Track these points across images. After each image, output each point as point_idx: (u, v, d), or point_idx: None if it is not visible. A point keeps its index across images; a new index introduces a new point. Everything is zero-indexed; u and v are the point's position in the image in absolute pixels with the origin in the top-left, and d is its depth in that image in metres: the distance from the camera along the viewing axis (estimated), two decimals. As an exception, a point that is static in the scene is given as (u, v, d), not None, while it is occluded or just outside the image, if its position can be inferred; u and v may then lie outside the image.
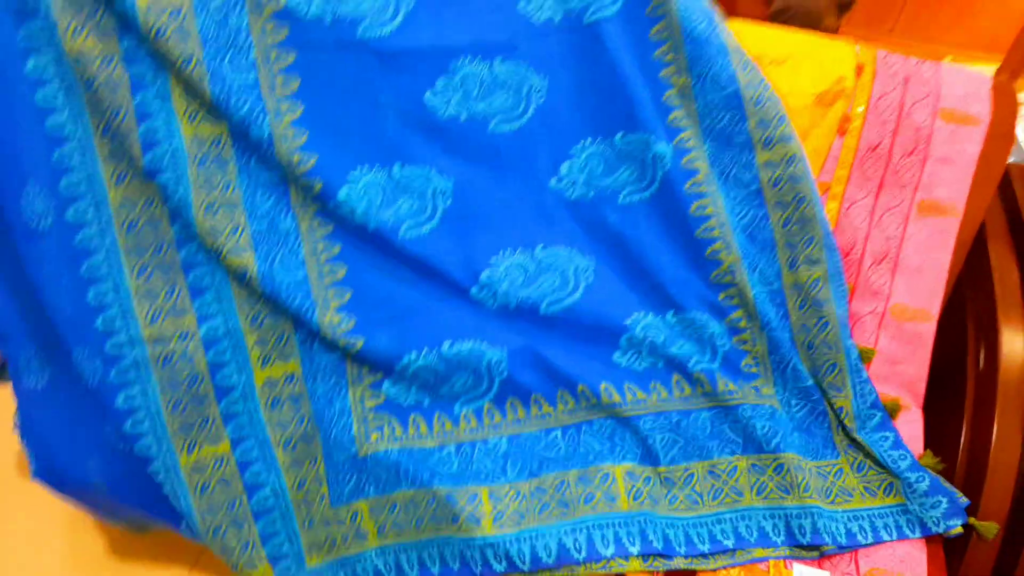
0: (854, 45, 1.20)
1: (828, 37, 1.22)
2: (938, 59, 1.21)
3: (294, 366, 1.01)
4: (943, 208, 1.13)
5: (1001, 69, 1.82)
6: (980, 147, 1.13)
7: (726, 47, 1.06)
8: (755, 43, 1.19)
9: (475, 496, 0.97)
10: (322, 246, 1.02)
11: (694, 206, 1.07)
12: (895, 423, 1.08)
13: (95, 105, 0.93)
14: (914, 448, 1.07)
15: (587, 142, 1.08)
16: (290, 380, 1.02)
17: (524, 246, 1.07)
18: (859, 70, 1.17)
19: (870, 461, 1.06)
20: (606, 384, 1.05)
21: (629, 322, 1.07)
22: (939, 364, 1.11)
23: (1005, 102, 1.15)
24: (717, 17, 1.09)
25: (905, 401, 1.11)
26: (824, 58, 1.18)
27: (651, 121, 1.06)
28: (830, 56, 1.18)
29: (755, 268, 1.09)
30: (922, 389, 1.11)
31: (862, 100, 1.16)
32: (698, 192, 1.07)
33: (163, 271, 0.97)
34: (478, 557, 0.94)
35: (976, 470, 1.01)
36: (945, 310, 1.12)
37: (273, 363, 1.01)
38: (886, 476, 1.04)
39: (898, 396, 1.10)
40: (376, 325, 1.01)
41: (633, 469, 1.02)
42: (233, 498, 0.99)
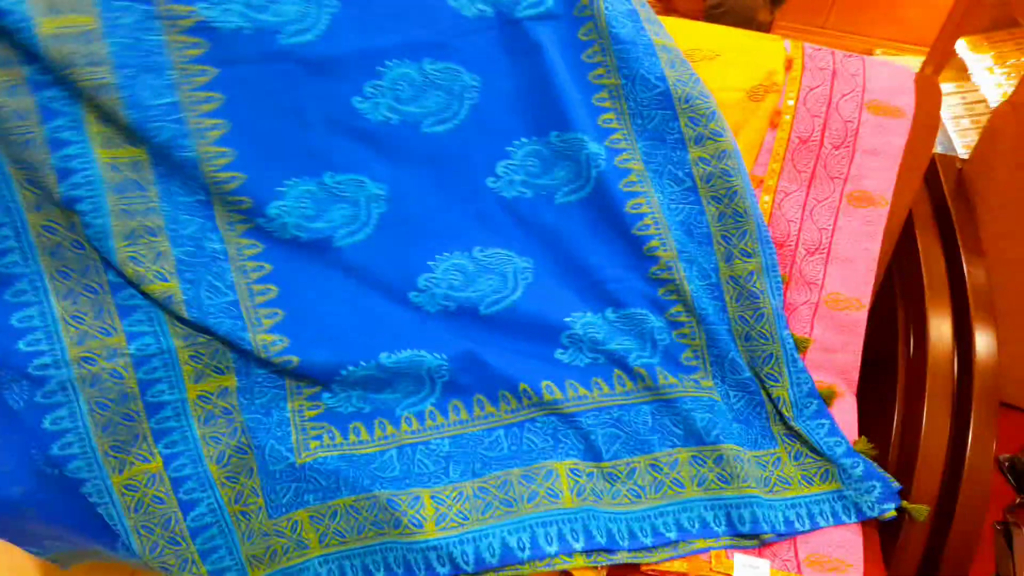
0: (783, 41, 1.22)
1: (759, 33, 1.24)
2: (868, 53, 1.24)
3: (229, 380, 0.99)
4: (872, 199, 1.16)
5: (926, 62, 1.88)
6: (906, 139, 1.16)
7: (653, 47, 1.07)
8: (688, 39, 1.20)
9: (417, 499, 0.96)
10: (251, 265, 0.99)
11: (629, 204, 1.07)
12: (830, 410, 1.10)
13: (5, 134, 0.87)
14: (849, 434, 1.09)
15: (523, 141, 1.07)
16: (224, 394, 0.99)
17: (462, 248, 1.06)
18: (788, 65, 1.19)
19: (807, 449, 1.08)
20: (547, 382, 1.05)
21: (569, 320, 1.07)
22: (871, 351, 1.14)
23: (929, 94, 1.18)
24: (645, 15, 1.09)
25: (840, 388, 1.13)
26: (755, 54, 1.19)
27: (583, 121, 1.06)
28: (760, 52, 1.20)
29: (692, 263, 1.10)
30: (856, 376, 1.14)
31: (792, 94, 1.18)
32: (633, 191, 1.08)
33: (91, 292, 0.93)
34: (421, 561, 0.93)
35: (907, 454, 1.04)
36: (876, 298, 1.15)
37: (207, 378, 0.98)
38: (822, 463, 1.07)
39: (834, 384, 1.12)
40: (311, 343, 0.99)
41: (576, 465, 1.03)
42: (169, 516, 0.96)
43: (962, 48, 1.80)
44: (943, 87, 1.22)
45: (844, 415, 1.11)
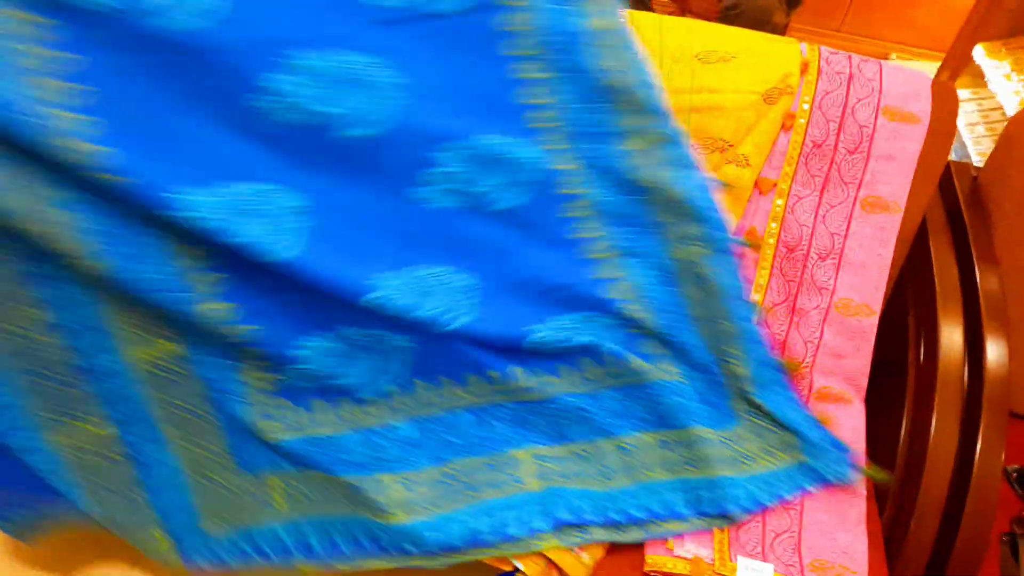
0: (799, 43, 1.21)
1: (775, 35, 1.23)
2: (883, 57, 1.24)
3: (179, 347, 0.94)
4: (885, 205, 1.15)
5: (942, 68, 1.86)
6: (921, 145, 1.15)
7: (588, 34, 0.99)
8: (703, 41, 1.20)
9: (384, 484, 0.96)
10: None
11: (567, 206, 1.04)
12: (828, 411, 1.11)
13: None
14: (858, 440, 1.09)
15: (451, 145, 0.97)
16: (178, 359, 0.95)
17: (402, 267, 0.96)
18: (804, 68, 1.18)
19: (767, 422, 1.08)
20: (515, 368, 1.04)
21: (527, 330, 1.04)
22: (881, 358, 1.13)
23: (945, 100, 1.17)
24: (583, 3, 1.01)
25: (846, 392, 1.13)
26: (770, 56, 1.19)
27: (513, 122, 1.00)
28: (776, 54, 1.19)
29: (639, 255, 1.08)
30: (864, 382, 1.13)
31: (807, 98, 1.17)
32: (571, 193, 1.05)
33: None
34: (389, 539, 0.93)
35: (915, 461, 1.03)
36: (887, 305, 1.15)
37: (157, 343, 0.93)
38: (783, 435, 1.07)
39: (842, 390, 1.12)
40: (262, 313, 0.92)
41: (543, 451, 1.03)
42: (125, 477, 0.96)
43: (979, 54, 1.78)
44: (959, 93, 1.21)
45: (852, 420, 1.10)
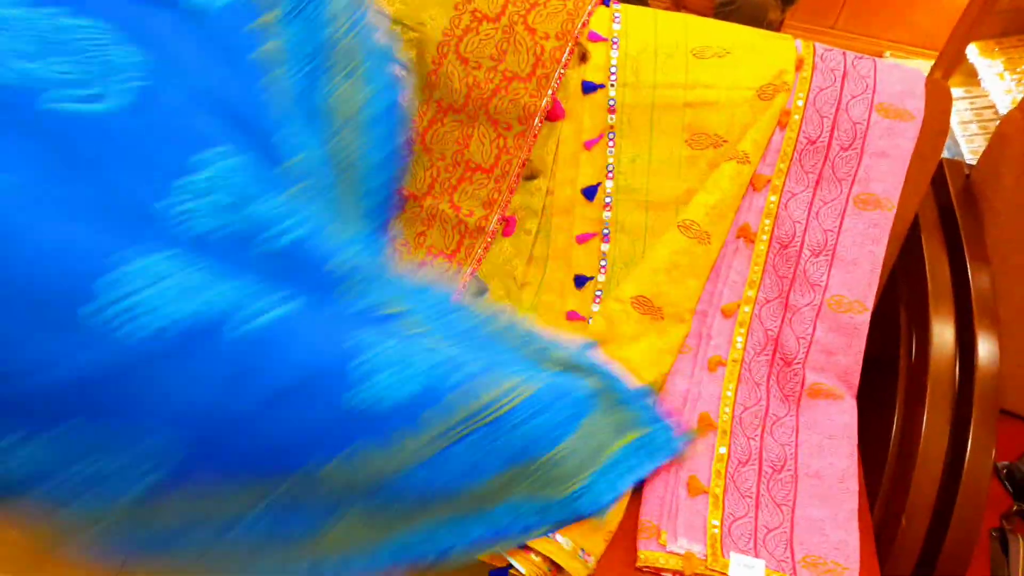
0: (794, 40, 1.21)
1: (771, 32, 1.23)
2: (877, 55, 1.24)
3: None
4: (878, 202, 1.15)
5: (935, 66, 1.87)
6: (914, 142, 1.15)
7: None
8: (698, 36, 1.20)
9: None
10: None
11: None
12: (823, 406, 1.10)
13: None
14: (849, 436, 1.09)
15: (220, 151, 0.78)
16: None
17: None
18: (799, 64, 1.18)
19: (608, 406, 1.01)
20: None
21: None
22: (873, 355, 1.14)
23: (939, 98, 1.18)
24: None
25: (837, 389, 1.13)
26: (765, 52, 1.19)
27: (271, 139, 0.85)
28: (771, 50, 1.19)
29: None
30: (856, 379, 1.13)
31: (802, 94, 1.17)
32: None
33: None
34: None
35: (906, 458, 1.04)
36: (879, 302, 1.15)
37: None
38: (625, 413, 1.04)
39: (834, 387, 1.12)
40: None
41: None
42: None
43: (973, 53, 1.79)
44: (952, 92, 1.22)
45: (844, 416, 1.10)
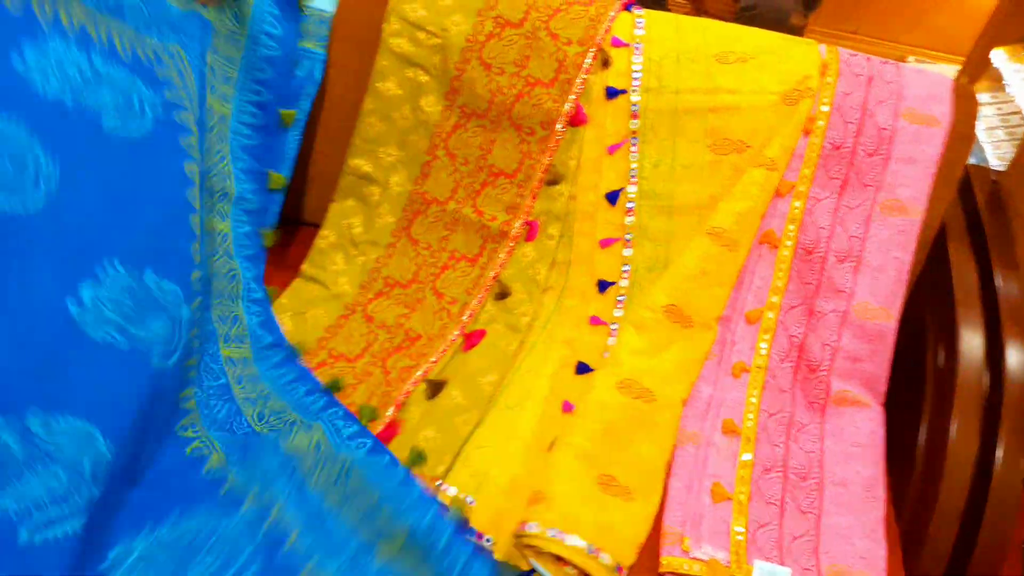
0: (818, 45, 1.20)
1: (794, 37, 1.23)
2: (900, 60, 1.22)
3: None
4: (904, 208, 1.14)
5: (962, 71, 1.85)
6: (941, 148, 1.14)
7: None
8: (721, 41, 1.19)
9: None
10: None
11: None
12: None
13: None
14: (877, 446, 1.08)
15: (115, 265, 0.81)
16: None
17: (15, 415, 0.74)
18: (823, 70, 1.17)
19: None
20: None
21: None
22: (899, 362, 1.12)
23: (965, 104, 1.17)
24: None
25: (864, 397, 1.12)
26: (789, 57, 1.18)
27: (181, 272, 0.89)
28: (795, 55, 1.18)
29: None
30: (883, 387, 1.12)
31: (826, 99, 1.17)
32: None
33: None
34: None
35: (934, 468, 1.02)
36: (906, 309, 1.14)
37: None
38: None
39: (860, 394, 1.11)
40: None
41: None
42: None
43: (998, 58, 1.77)
44: (978, 97, 1.20)
45: (870, 424, 1.09)
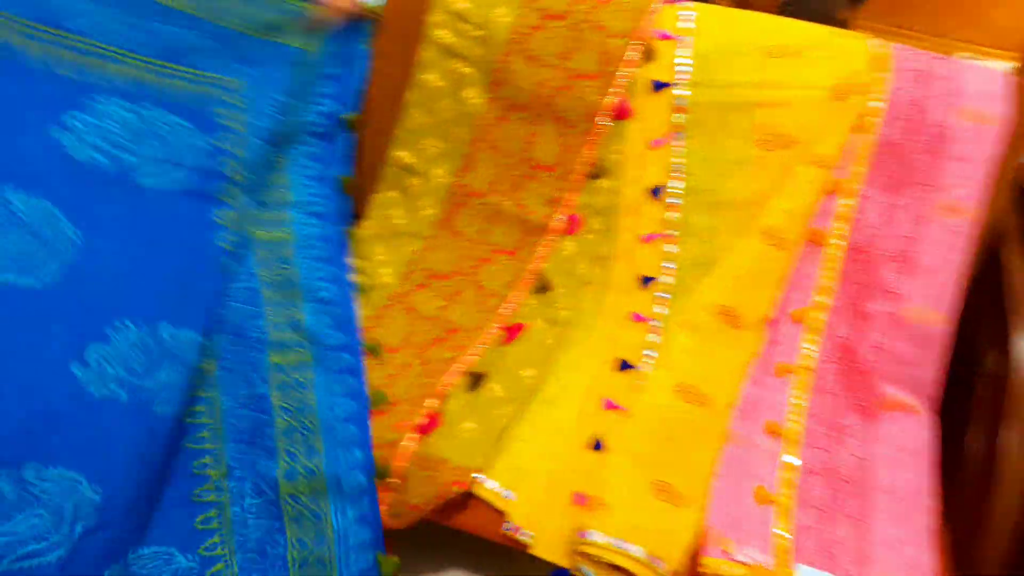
0: (868, 39, 1.17)
1: (844, 30, 1.19)
2: (949, 55, 1.19)
3: None
4: (958, 208, 1.11)
5: (1020, 67, 1.79)
6: (997, 147, 1.11)
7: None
8: (769, 35, 1.17)
9: None
10: None
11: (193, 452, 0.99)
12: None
13: None
14: (923, 452, 1.05)
15: (126, 324, 0.90)
16: None
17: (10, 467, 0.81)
18: (875, 65, 1.14)
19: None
20: None
21: None
22: (951, 368, 1.09)
23: (1023, 101, 1.13)
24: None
25: (911, 401, 1.09)
26: (839, 51, 1.15)
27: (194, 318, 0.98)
28: (844, 49, 1.15)
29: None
30: (934, 392, 1.09)
31: (878, 95, 1.13)
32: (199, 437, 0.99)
33: None
34: None
35: (986, 476, 0.99)
36: (958, 313, 1.10)
37: None
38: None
39: (909, 399, 1.08)
40: None
41: None
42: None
43: (1054, 53, 1.71)
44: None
45: (920, 430, 1.07)
